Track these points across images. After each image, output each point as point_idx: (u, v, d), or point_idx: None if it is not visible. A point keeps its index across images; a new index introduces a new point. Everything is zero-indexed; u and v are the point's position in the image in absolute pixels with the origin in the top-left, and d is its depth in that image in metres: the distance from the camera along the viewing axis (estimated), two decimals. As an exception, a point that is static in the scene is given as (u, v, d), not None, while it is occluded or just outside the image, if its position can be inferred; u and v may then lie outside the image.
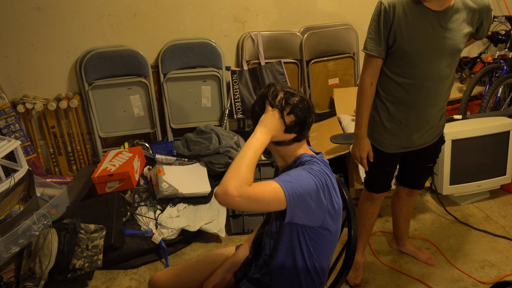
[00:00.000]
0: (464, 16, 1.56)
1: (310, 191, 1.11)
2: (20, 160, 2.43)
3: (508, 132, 2.49)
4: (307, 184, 1.11)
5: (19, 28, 2.66)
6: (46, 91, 2.86)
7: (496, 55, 3.18)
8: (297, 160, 1.24)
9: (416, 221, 2.50)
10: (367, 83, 1.66)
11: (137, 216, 2.32)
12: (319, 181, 1.13)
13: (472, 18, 1.58)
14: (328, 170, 1.23)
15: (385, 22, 1.57)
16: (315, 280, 1.30)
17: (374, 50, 1.62)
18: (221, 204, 1.04)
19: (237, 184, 1.02)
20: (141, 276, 2.18)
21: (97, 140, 2.97)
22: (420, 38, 1.55)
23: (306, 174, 1.13)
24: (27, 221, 1.97)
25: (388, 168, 1.87)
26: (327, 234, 1.23)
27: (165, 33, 2.91)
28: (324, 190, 1.15)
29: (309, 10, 3.09)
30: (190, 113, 3.06)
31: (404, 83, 1.63)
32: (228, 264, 1.44)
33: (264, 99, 1.20)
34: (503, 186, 2.70)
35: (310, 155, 1.23)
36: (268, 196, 1.05)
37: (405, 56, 1.59)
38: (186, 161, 2.53)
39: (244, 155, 1.09)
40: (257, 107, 1.22)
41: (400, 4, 1.54)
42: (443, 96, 1.68)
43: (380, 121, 1.73)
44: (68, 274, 1.98)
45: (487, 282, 2.04)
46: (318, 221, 1.17)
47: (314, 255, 1.25)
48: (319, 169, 1.16)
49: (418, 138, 1.75)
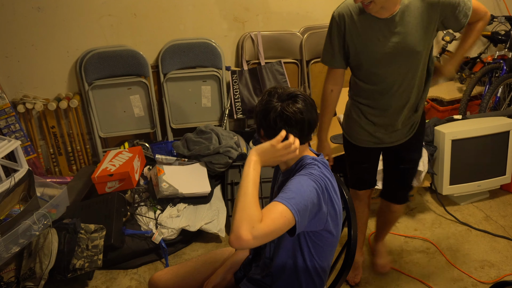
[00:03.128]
0: (418, 15, 1.52)
1: (312, 198, 1.11)
2: (20, 160, 2.43)
3: (508, 132, 2.49)
4: (308, 193, 1.11)
5: (19, 28, 2.66)
6: (46, 91, 2.86)
7: (496, 55, 3.18)
8: (298, 162, 1.24)
9: (416, 221, 2.50)
10: (328, 90, 1.72)
11: (137, 216, 2.32)
12: (319, 186, 1.14)
13: (432, 13, 1.53)
14: (328, 172, 1.24)
15: (338, 34, 1.60)
16: (316, 281, 1.30)
17: (328, 61, 1.68)
18: (237, 249, 1.03)
19: (248, 227, 1.00)
20: (141, 276, 2.19)
21: (97, 140, 2.97)
22: (371, 48, 1.56)
23: (306, 181, 1.13)
24: (27, 221, 1.97)
25: (365, 164, 1.89)
26: (328, 236, 1.23)
27: (165, 33, 2.91)
28: (324, 194, 1.15)
29: (309, 10, 3.09)
30: (190, 113, 3.06)
31: (370, 89, 1.66)
32: (228, 264, 1.44)
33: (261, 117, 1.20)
34: (503, 186, 2.70)
35: (312, 158, 1.23)
36: (279, 223, 1.04)
37: (362, 66, 1.62)
38: (186, 161, 2.54)
39: (246, 191, 1.08)
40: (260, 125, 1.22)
41: (349, 17, 1.56)
42: (414, 95, 1.67)
43: (354, 118, 1.77)
44: (68, 274, 1.98)
45: (486, 282, 2.04)
46: (321, 224, 1.18)
47: (315, 256, 1.25)
48: (319, 173, 1.17)
49: (389, 137, 1.76)
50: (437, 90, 3.38)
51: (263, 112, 1.20)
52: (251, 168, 1.12)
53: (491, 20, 3.23)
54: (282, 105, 1.17)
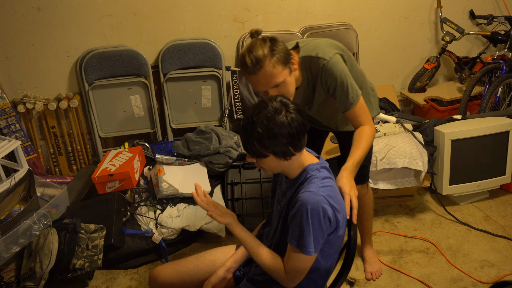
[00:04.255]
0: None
1: (325, 229, 1.18)
2: (20, 160, 2.43)
3: (508, 132, 2.49)
4: (321, 230, 1.17)
5: (19, 28, 2.66)
6: (46, 91, 2.86)
7: (496, 55, 3.18)
8: (302, 173, 1.24)
9: (416, 221, 2.50)
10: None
11: (137, 216, 2.33)
12: (326, 212, 1.16)
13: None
14: (330, 174, 1.26)
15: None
16: (318, 281, 1.31)
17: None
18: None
19: (284, 283, 1.25)
20: (141, 276, 2.19)
21: (97, 140, 2.97)
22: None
23: (315, 218, 1.14)
24: (27, 221, 1.97)
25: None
26: (336, 240, 1.25)
27: (165, 33, 2.91)
28: (332, 216, 1.18)
29: (309, 10, 3.09)
30: (190, 113, 3.06)
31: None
32: (228, 264, 1.44)
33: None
34: (502, 186, 2.70)
35: (315, 167, 1.23)
36: (305, 268, 1.22)
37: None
38: (186, 161, 2.54)
39: (253, 250, 1.28)
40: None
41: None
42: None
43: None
44: (68, 274, 1.98)
45: (486, 282, 2.04)
46: (327, 232, 1.20)
47: (320, 258, 1.25)
48: (323, 193, 1.17)
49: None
50: (437, 90, 3.39)
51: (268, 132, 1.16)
52: (236, 232, 1.29)
53: (491, 20, 3.24)
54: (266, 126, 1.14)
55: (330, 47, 1.56)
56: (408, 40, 3.36)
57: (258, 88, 1.45)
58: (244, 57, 1.40)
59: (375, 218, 2.52)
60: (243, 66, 1.42)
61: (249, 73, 1.40)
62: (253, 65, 1.37)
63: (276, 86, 1.43)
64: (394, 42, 3.34)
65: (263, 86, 1.43)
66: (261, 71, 1.38)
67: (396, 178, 2.40)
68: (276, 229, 1.33)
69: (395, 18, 3.25)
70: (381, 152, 2.35)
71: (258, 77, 1.40)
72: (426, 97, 3.30)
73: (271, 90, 1.44)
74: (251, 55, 1.38)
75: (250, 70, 1.39)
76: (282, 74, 1.42)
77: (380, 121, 2.67)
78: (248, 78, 1.44)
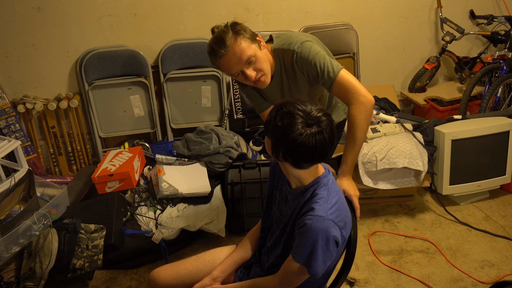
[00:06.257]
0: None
1: (333, 252, 1.18)
2: (20, 160, 2.43)
3: (508, 132, 2.49)
4: (331, 254, 1.18)
5: (19, 28, 2.66)
6: (46, 91, 2.86)
7: (496, 55, 3.18)
8: (313, 185, 1.21)
9: (416, 221, 2.50)
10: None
11: (137, 216, 2.32)
12: (335, 235, 1.16)
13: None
14: (335, 187, 1.26)
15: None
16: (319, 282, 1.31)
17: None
18: None
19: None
20: (141, 276, 2.19)
21: (97, 140, 2.97)
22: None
23: (324, 243, 1.14)
24: (27, 221, 1.97)
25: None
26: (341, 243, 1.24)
27: (165, 33, 2.91)
28: (339, 237, 1.19)
29: (309, 10, 3.09)
30: (190, 113, 3.06)
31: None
32: (215, 274, 1.41)
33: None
34: (502, 186, 2.70)
35: (323, 182, 1.22)
36: (304, 280, 1.23)
37: None
38: (186, 161, 2.53)
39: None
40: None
41: None
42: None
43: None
44: (68, 274, 1.98)
45: (486, 282, 2.04)
46: (335, 254, 1.21)
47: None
48: (332, 215, 1.16)
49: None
50: (437, 90, 3.39)
51: (282, 133, 1.12)
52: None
53: (491, 20, 3.24)
54: (307, 132, 1.10)
55: (300, 36, 1.53)
56: (408, 40, 3.36)
57: (232, 70, 1.44)
58: (210, 46, 1.41)
59: (375, 218, 2.52)
60: (212, 54, 1.42)
61: (220, 57, 1.40)
62: (220, 47, 1.38)
63: (249, 63, 1.42)
64: (394, 42, 3.34)
65: (236, 65, 1.42)
66: (230, 50, 1.39)
67: (396, 178, 2.40)
68: (279, 240, 1.33)
69: (395, 18, 3.26)
70: (381, 152, 2.35)
71: (228, 56, 1.40)
72: (426, 97, 3.30)
73: (247, 70, 1.43)
74: (215, 41, 1.39)
75: (219, 54, 1.39)
76: (251, 48, 1.42)
77: (380, 121, 2.67)
78: (220, 64, 1.44)
